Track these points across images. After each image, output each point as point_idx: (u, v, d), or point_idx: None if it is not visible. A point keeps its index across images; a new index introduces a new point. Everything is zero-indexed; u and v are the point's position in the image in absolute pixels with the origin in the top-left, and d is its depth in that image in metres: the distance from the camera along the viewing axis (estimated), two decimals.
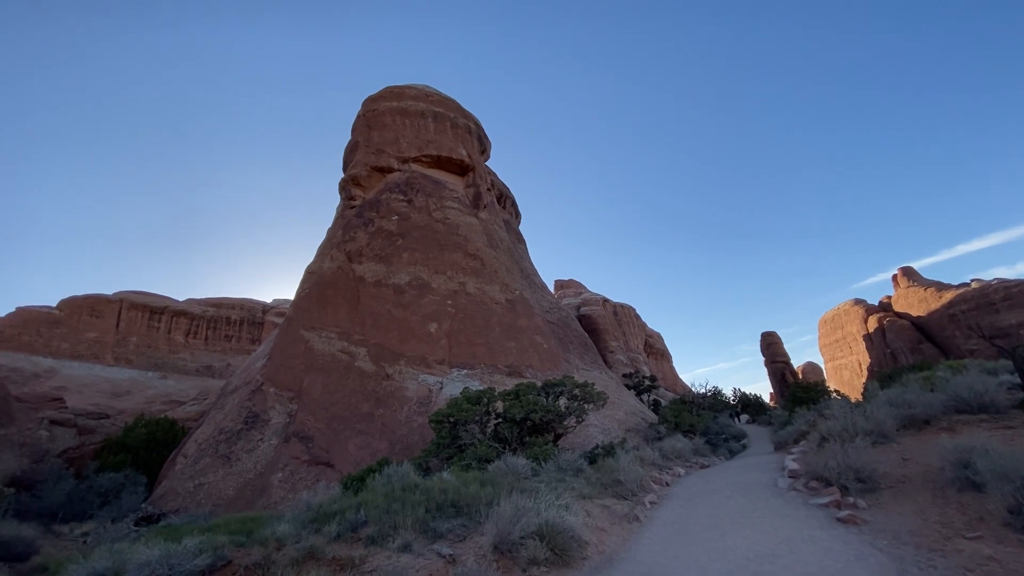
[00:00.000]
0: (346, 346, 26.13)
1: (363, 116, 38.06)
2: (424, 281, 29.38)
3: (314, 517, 8.86)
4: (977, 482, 6.72)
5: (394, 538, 7.36)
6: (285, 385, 24.84)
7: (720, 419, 28.92)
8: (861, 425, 10.97)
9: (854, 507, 7.30)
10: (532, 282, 41.44)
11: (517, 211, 55.10)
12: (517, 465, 11.76)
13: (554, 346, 31.93)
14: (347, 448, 21.22)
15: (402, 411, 23.11)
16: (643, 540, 7.61)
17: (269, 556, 7.17)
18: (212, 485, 20.39)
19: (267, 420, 23.38)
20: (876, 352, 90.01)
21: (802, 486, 9.11)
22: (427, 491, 9.12)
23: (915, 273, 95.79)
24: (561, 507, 7.60)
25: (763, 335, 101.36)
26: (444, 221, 32.98)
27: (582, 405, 18.56)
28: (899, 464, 8.87)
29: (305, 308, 27.97)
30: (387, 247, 30.63)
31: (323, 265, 29.96)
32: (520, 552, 6.55)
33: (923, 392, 12.72)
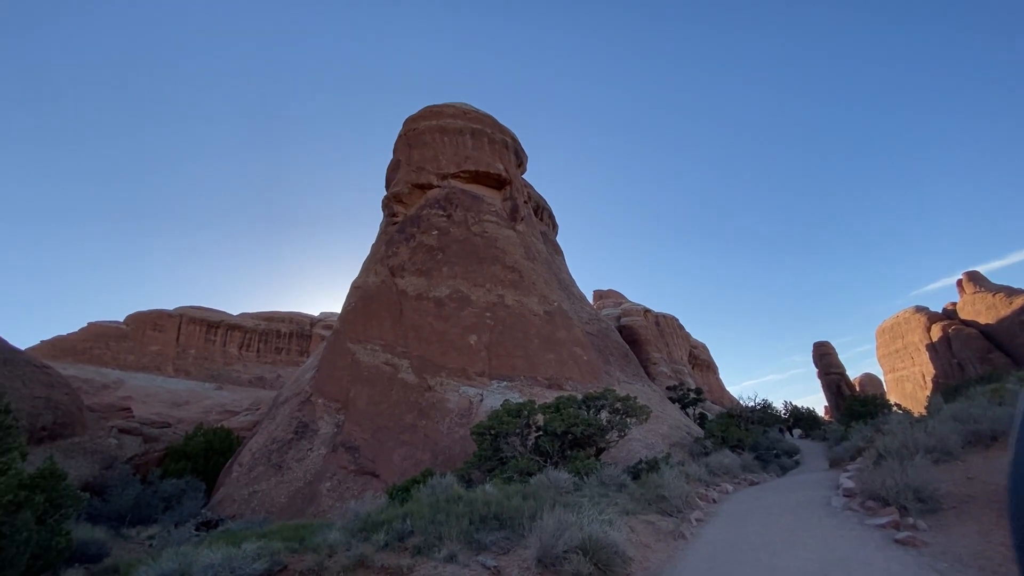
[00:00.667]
0: (390, 358, 26.86)
1: (404, 136, 39.37)
2: (464, 294, 29.88)
3: (363, 526, 9.18)
4: None
5: (440, 548, 7.55)
6: (332, 396, 25.74)
7: (770, 434, 27.76)
8: (922, 441, 10.38)
9: (913, 528, 6.93)
10: (570, 293, 41.35)
11: (554, 222, 55.26)
12: (559, 479, 11.76)
13: (594, 358, 31.66)
14: (392, 458, 21.72)
15: (444, 422, 23.47)
16: (688, 557, 7.47)
17: (322, 563, 7.49)
18: (265, 493, 21.31)
19: (316, 430, 24.26)
20: (941, 363, 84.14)
21: (858, 505, 8.70)
22: (470, 503, 9.28)
23: (982, 278, 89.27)
24: (604, 522, 7.58)
25: (815, 345, 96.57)
26: (482, 235, 33.52)
27: (624, 419, 18.33)
28: (963, 483, 8.35)
29: (351, 321, 28.98)
30: (428, 261, 31.41)
31: (368, 280, 31.02)
32: (564, 566, 6.58)
33: (991, 406, 11.90)
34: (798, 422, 42.39)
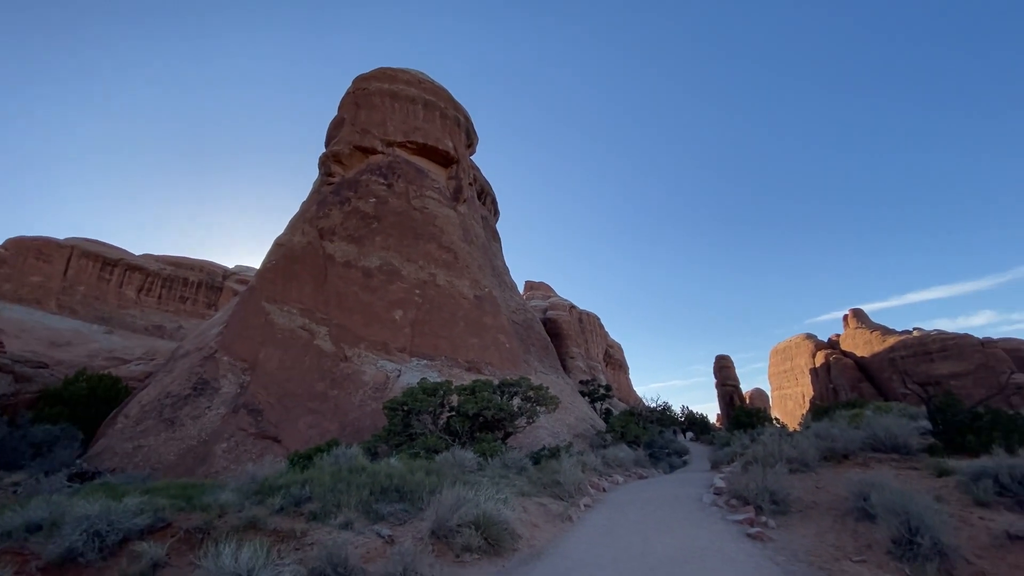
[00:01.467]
0: (307, 323, 25.92)
1: (352, 93, 37.60)
2: (395, 268, 29.38)
3: (258, 489, 9.02)
4: (871, 513, 7.52)
5: (336, 516, 7.64)
6: (240, 355, 24.46)
7: (665, 434, 30.07)
8: (787, 452, 11.84)
9: (764, 525, 8.03)
10: (502, 281, 41.90)
11: (496, 209, 55.43)
12: (464, 458, 12.15)
13: (516, 346, 32.46)
14: (297, 425, 21.14)
15: (357, 394, 23.15)
16: (572, 538, 8.14)
17: (210, 522, 7.34)
18: (152, 448, 19.96)
19: (217, 388, 22.99)
20: (819, 386, 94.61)
21: (723, 503, 9.85)
22: (373, 475, 9.41)
23: (864, 316, 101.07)
24: (500, 501, 8.04)
25: (717, 358, 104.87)
26: (422, 210, 33.01)
27: (534, 407, 19.10)
28: (812, 491, 9.71)
29: (270, 280, 27.55)
30: (361, 229, 30.47)
31: (293, 239, 29.55)
32: (456, 539, 6.96)
33: (849, 428, 13.72)
34: (692, 426, 46.09)
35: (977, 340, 74.76)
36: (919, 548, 6.17)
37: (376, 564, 6.11)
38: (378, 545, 6.69)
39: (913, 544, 6.26)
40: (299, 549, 6.32)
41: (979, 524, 6.88)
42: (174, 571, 5.91)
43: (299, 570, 5.27)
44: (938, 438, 11.43)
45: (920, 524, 6.36)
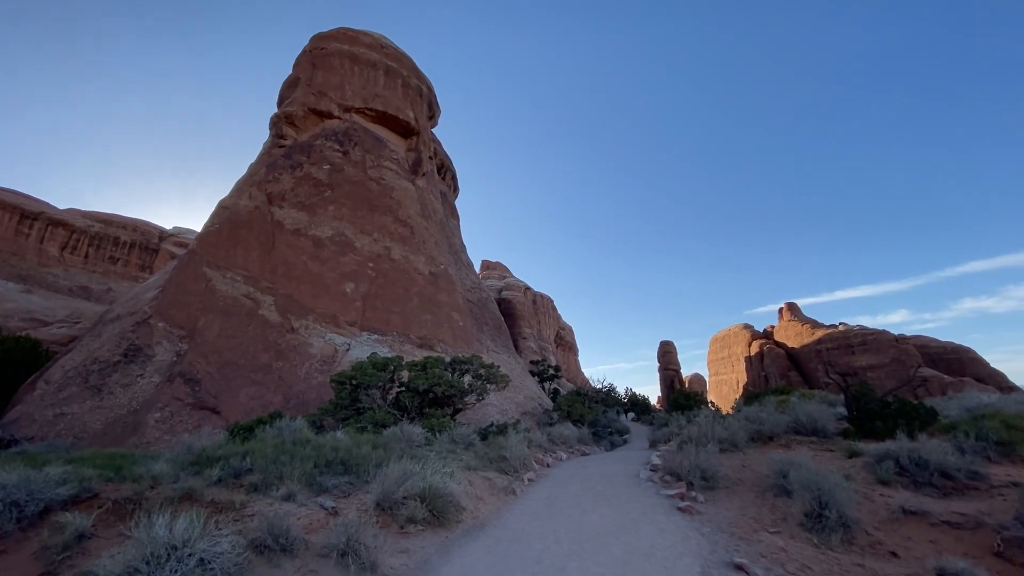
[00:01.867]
0: (252, 292, 24.84)
1: (309, 52, 35.61)
2: (347, 239, 28.52)
3: (195, 460, 8.72)
4: (789, 489, 8.20)
5: (278, 488, 7.52)
6: (177, 322, 23.18)
7: (609, 414, 31.22)
8: (719, 434, 12.64)
9: (694, 500, 8.59)
10: (459, 259, 41.60)
11: (456, 185, 54.61)
12: (412, 433, 12.20)
13: (469, 325, 32.50)
14: (238, 396, 20.41)
15: (303, 367, 22.56)
16: (514, 510, 8.41)
17: (142, 493, 7.05)
18: (76, 416, 18.73)
19: (150, 356, 21.75)
20: (753, 373, 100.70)
21: (658, 478, 10.44)
22: (318, 447, 9.29)
23: (797, 309, 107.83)
24: (446, 475, 8.17)
25: (661, 343, 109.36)
26: (379, 181, 32.05)
27: (485, 384, 19.33)
28: (739, 469, 10.45)
29: (212, 244, 26.08)
30: (313, 196, 29.27)
31: (239, 202, 28.00)
32: (401, 511, 7.03)
33: (776, 413, 14.77)
34: (634, 407, 48.08)
35: (892, 336, 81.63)
36: (827, 521, 6.81)
37: (319, 535, 6.09)
38: (321, 516, 6.66)
39: (822, 517, 6.90)
40: (238, 520, 6.20)
41: (880, 500, 7.66)
42: (101, 542, 5.66)
43: (238, 540, 5.17)
44: (852, 423, 12.50)
45: (830, 499, 7.01)
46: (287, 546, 5.52)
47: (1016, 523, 6.06)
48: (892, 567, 5.93)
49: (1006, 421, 10.06)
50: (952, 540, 6.38)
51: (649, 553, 5.75)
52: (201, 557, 4.68)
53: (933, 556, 6.03)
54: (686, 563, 5.42)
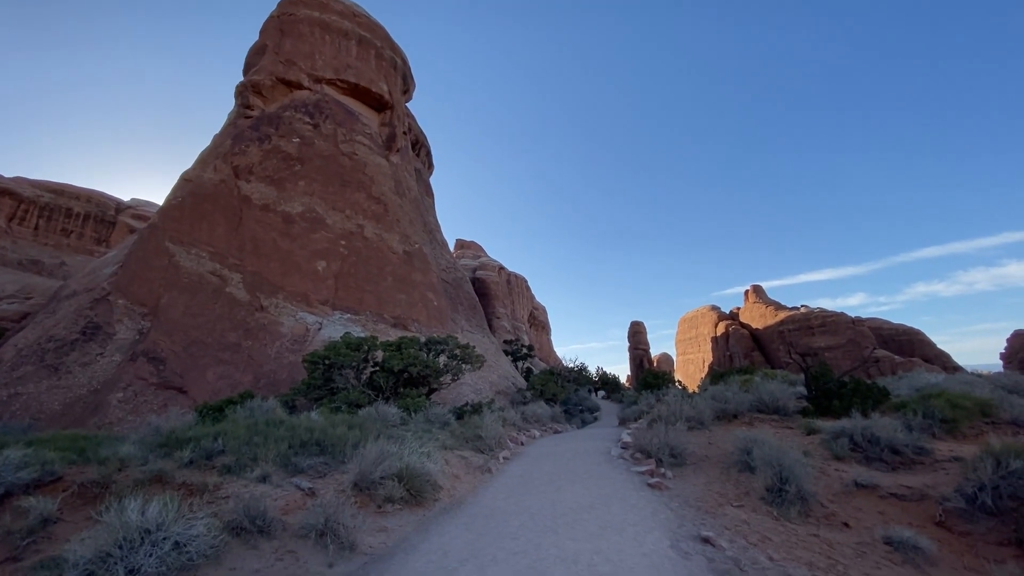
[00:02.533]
0: (218, 268, 24.06)
1: (277, 18, 33.92)
2: (318, 215, 27.80)
3: (164, 442, 8.53)
4: (752, 465, 8.61)
5: (253, 469, 7.45)
6: (138, 299, 22.31)
7: (580, 392, 31.87)
8: (687, 412, 13.10)
9: (663, 476, 8.93)
10: (433, 237, 41.15)
11: (431, 161, 53.64)
12: (388, 413, 12.21)
13: (444, 305, 32.39)
14: (205, 376, 19.93)
15: (273, 346, 22.14)
16: (490, 488, 8.59)
17: (109, 476, 6.88)
18: (33, 396, 17.97)
19: (111, 334, 20.94)
20: (718, 353, 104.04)
21: (629, 456, 10.79)
22: (292, 428, 9.21)
23: (762, 291, 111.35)
24: (423, 454, 8.25)
25: (632, 323, 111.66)
26: (351, 156, 31.19)
27: (460, 365, 19.41)
28: (705, 446, 10.89)
29: (175, 218, 25.02)
30: (282, 170, 28.29)
31: (203, 175, 26.83)
32: (378, 491, 7.09)
33: (740, 392, 15.37)
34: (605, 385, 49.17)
35: (849, 318, 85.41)
36: (787, 495, 7.20)
37: (296, 516, 6.10)
38: (298, 497, 6.66)
39: (782, 492, 7.30)
40: (213, 503, 6.14)
41: (834, 475, 8.13)
42: (68, 527, 5.54)
43: (213, 523, 5.13)
44: (811, 402, 13.13)
45: (790, 475, 7.40)
46: (264, 527, 5.51)
47: (957, 495, 6.55)
48: (844, 536, 6.34)
49: (951, 400, 10.75)
50: (899, 511, 6.86)
51: (621, 528, 5.98)
52: (176, 540, 4.64)
53: (881, 526, 6.48)
54: (656, 536, 5.67)
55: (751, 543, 5.81)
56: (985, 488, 6.30)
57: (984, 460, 6.58)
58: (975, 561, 5.68)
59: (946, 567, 5.65)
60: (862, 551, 5.91)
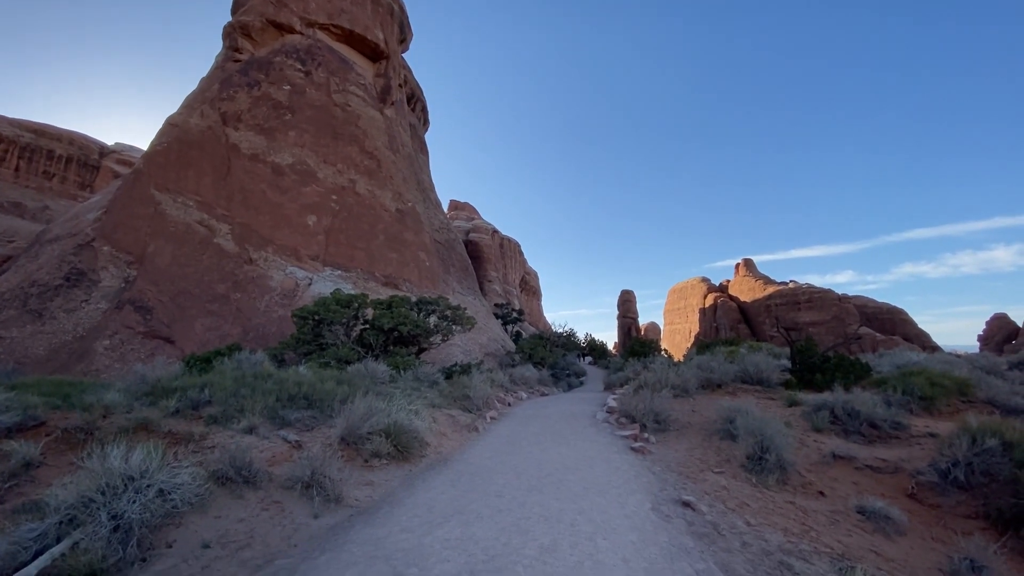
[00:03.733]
0: (206, 219, 23.51)
1: None
2: (309, 168, 27.07)
3: (150, 391, 8.49)
4: (734, 434, 8.78)
5: (239, 420, 7.44)
6: (124, 246, 21.85)
7: (568, 357, 32.28)
8: (672, 380, 13.30)
9: (646, 441, 9.10)
10: (427, 197, 40.45)
11: (426, 117, 52.12)
12: (377, 370, 12.23)
13: (436, 266, 32.18)
14: (193, 327, 19.79)
15: (262, 300, 21.96)
16: (477, 446, 8.70)
17: (93, 422, 6.83)
18: (17, 341, 17.78)
19: (96, 281, 20.58)
20: (705, 324, 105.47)
21: (614, 420, 10.97)
22: (280, 381, 9.19)
23: (753, 265, 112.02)
24: (411, 411, 8.29)
25: (622, 292, 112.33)
26: (344, 107, 30.13)
27: (450, 325, 19.43)
28: (689, 414, 11.09)
29: (161, 165, 24.22)
30: (272, 119, 27.31)
31: (190, 120, 25.83)
32: (366, 445, 7.14)
33: (725, 362, 15.60)
34: (592, 351, 49.80)
35: (836, 295, 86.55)
36: (766, 463, 7.37)
37: (282, 467, 6.13)
38: (284, 450, 6.68)
39: (762, 460, 7.46)
40: (198, 452, 6.14)
41: (813, 446, 8.32)
42: (51, 471, 5.51)
43: (198, 472, 5.13)
44: (794, 375, 13.36)
45: (770, 444, 7.55)
46: (250, 478, 5.53)
47: (930, 469, 6.73)
48: (819, 504, 6.53)
49: (930, 378, 10.97)
50: (873, 482, 7.06)
51: (604, 489, 6.09)
52: (160, 488, 4.63)
53: (855, 496, 6.67)
54: (638, 499, 5.79)
55: (730, 508, 5.96)
56: (959, 464, 6.47)
57: (961, 437, 6.74)
58: (943, 532, 5.89)
59: (914, 536, 5.86)
60: (835, 519, 6.10)
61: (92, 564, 3.83)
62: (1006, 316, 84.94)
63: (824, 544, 5.24)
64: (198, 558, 4.21)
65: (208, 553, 4.30)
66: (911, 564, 5.29)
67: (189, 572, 4.00)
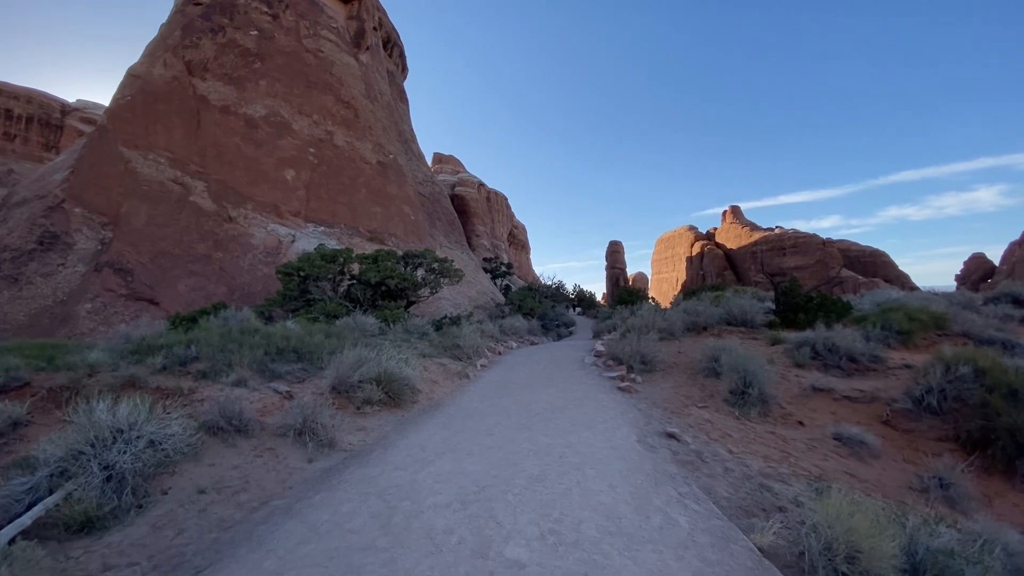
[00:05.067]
0: (180, 176, 22.64)
1: None
2: (284, 120, 25.94)
3: (135, 349, 8.40)
4: (718, 371, 9.01)
5: (228, 375, 7.43)
6: (96, 208, 21.08)
7: (557, 308, 32.57)
8: (659, 324, 13.49)
9: (632, 381, 9.32)
10: (409, 148, 39.26)
11: (404, 64, 49.77)
12: (366, 323, 12.23)
13: (422, 219, 31.68)
14: (177, 288, 19.48)
15: (245, 258, 21.56)
16: (467, 392, 8.85)
17: (79, 381, 6.78)
18: None
19: (70, 244, 19.99)
20: (692, 272, 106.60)
21: (602, 363, 11.19)
22: (268, 336, 9.15)
23: (740, 213, 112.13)
24: (401, 361, 8.34)
25: (610, 243, 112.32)
26: (316, 53, 28.56)
27: (438, 278, 19.34)
28: (675, 355, 11.33)
29: (127, 120, 23.01)
30: (241, 67, 25.85)
31: (153, 71, 24.34)
32: (357, 393, 7.20)
33: (711, 306, 15.83)
34: (581, 302, 50.25)
35: (820, 240, 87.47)
36: (749, 397, 7.60)
37: (274, 417, 6.18)
38: (275, 400, 6.72)
39: (745, 394, 7.69)
40: (188, 405, 6.14)
41: (794, 380, 8.58)
42: (39, 429, 5.49)
43: (189, 423, 5.14)
44: (778, 316, 13.61)
45: (753, 379, 7.77)
46: (241, 427, 5.57)
47: (905, 397, 6.99)
48: (798, 433, 6.80)
49: (908, 313, 11.25)
50: (850, 412, 7.34)
51: (591, 425, 6.26)
52: (151, 439, 4.64)
53: (832, 424, 6.95)
54: (624, 433, 5.96)
55: (713, 438, 6.17)
56: (932, 391, 6.72)
57: (935, 366, 6.97)
58: (914, 455, 6.19)
59: (887, 459, 6.15)
60: (813, 446, 6.37)
61: (87, 512, 3.87)
62: (983, 255, 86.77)
63: (802, 468, 5.49)
64: (194, 503, 4.28)
65: (204, 498, 4.38)
66: (883, 483, 5.57)
67: (186, 516, 4.07)
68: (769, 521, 3.76)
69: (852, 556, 2.95)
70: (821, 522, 3.20)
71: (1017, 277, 65.61)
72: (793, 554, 3.32)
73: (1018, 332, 11.16)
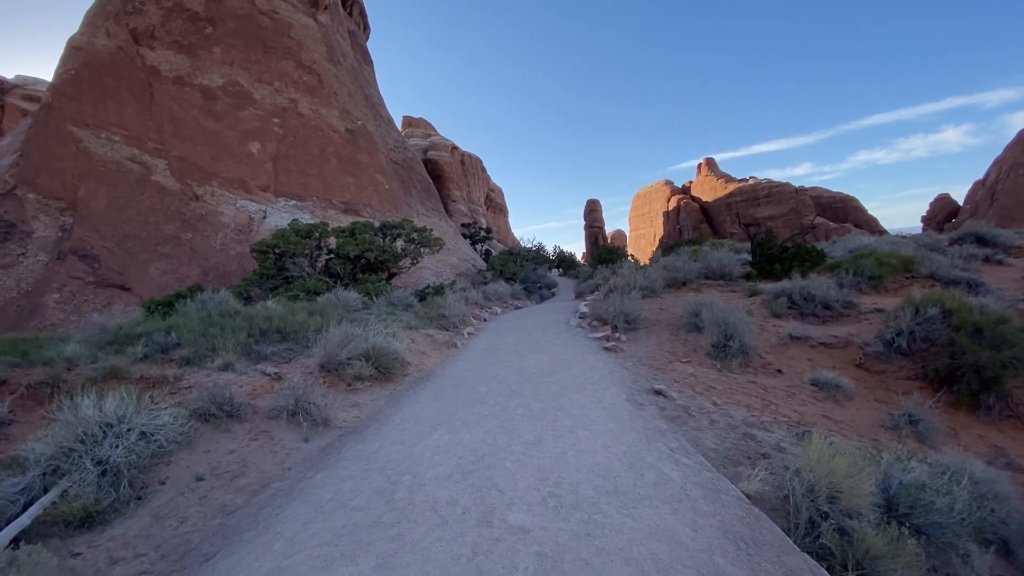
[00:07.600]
0: (137, 154, 21.53)
1: None
2: (243, 89, 24.67)
3: (112, 339, 8.21)
4: (700, 326, 9.25)
5: (213, 360, 7.34)
6: (51, 193, 20.01)
7: (539, 271, 32.69)
8: (640, 282, 13.68)
9: (618, 340, 9.51)
10: (377, 113, 37.89)
11: (366, 22, 47.35)
12: (348, 298, 12.11)
13: (396, 188, 30.98)
14: (148, 272, 18.89)
15: (216, 237, 20.91)
16: (457, 361, 8.94)
17: (58, 375, 6.62)
18: None
19: (28, 232, 19.05)
20: (669, 227, 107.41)
21: (587, 324, 11.36)
22: (250, 317, 9.01)
23: (715, 165, 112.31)
24: (388, 335, 8.34)
25: (588, 202, 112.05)
26: (271, 15, 26.93)
27: (418, 248, 19.14)
28: (657, 312, 11.56)
29: (73, 96, 21.56)
30: (191, 34, 24.26)
31: (95, 41, 22.67)
32: (347, 370, 7.21)
33: (688, 261, 16.07)
34: (561, 263, 50.48)
35: (793, 188, 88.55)
36: (730, 349, 7.84)
37: (265, 399, 6.17)
38: (264, 382, 6.69)
39: (726, 347, 7.93)
40: (176, 393, 6.08)
41: (772, 330, 8.86)
42: (23, 427, 5.39)
43: (180, 412, 5.11)
44: (755, 267, 13.91)
45: (733, 332, 8.00)
46: (233, 412, 5.56)
47: (876, 340, 7.31)
48: (777, 381, 7.09)
49: (879, 258, 11.62)
50: (826, 357, 7.66)
51: (581, 387, 6.41)
52: (142, 431, 4.60)
53: (809, 371, 7.25)
54: (613, 392, 6.13)
55: (698, 392, 6.40)
56: (902, 333, 7.03)
57: (905, 309, 7.26)
58: (885, 394, 6.53)
59: (861, 400, 6.48)
60: (792, 392, 6.66)
61: (86, 508, 3.86)
62: (948, 196, 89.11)
63: (782, 415, 5.75)
64: (194, 490, 4.31)
65: (203, 485, 4.40)
66: (857, 423, 5.89)
67: (187, 504, 4.10)
68: (755, 469, 3.97)
69: (833, 496, 3.15)
70: (803, 466, 3.38)
71: (980, 216, 67.90)
72: (778, 498, 3.52)
73: (982, 271, 11.66)
